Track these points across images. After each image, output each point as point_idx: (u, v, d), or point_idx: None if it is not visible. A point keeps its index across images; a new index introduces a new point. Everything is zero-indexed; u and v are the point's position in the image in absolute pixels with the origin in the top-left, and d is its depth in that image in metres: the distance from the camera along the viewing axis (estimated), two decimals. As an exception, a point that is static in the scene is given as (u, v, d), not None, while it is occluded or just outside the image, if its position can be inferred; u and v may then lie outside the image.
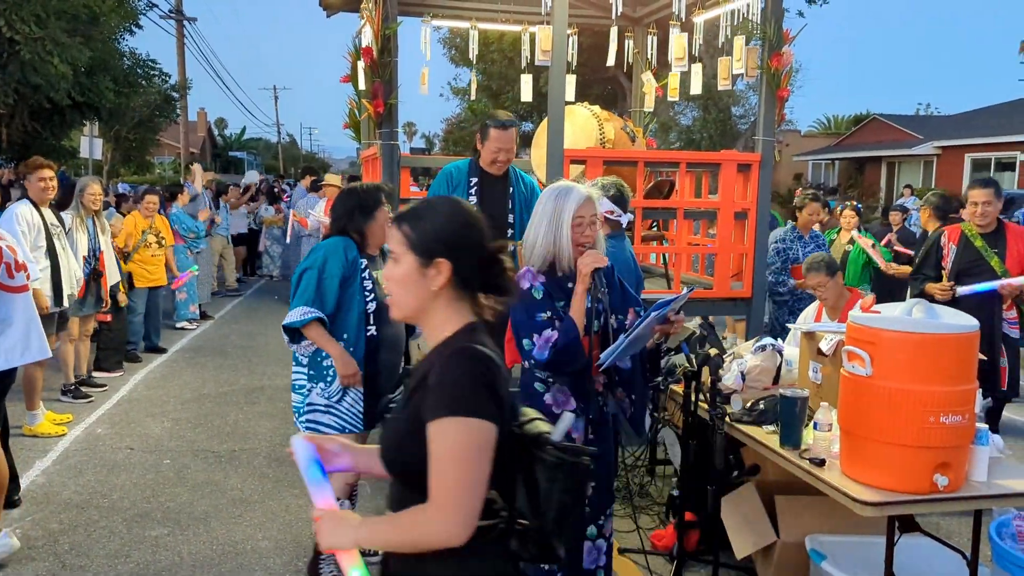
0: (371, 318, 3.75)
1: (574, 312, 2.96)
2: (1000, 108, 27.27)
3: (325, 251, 3.70)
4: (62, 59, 11.57)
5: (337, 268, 3.64)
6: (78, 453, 5.69)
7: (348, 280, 3.67)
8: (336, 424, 3.77)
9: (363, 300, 3.72)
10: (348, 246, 3.71)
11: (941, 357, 2.78)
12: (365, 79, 5.43)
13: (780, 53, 5.50)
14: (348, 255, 3.68)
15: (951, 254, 5.08)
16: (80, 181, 6.92)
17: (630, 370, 3.10)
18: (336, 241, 3.73)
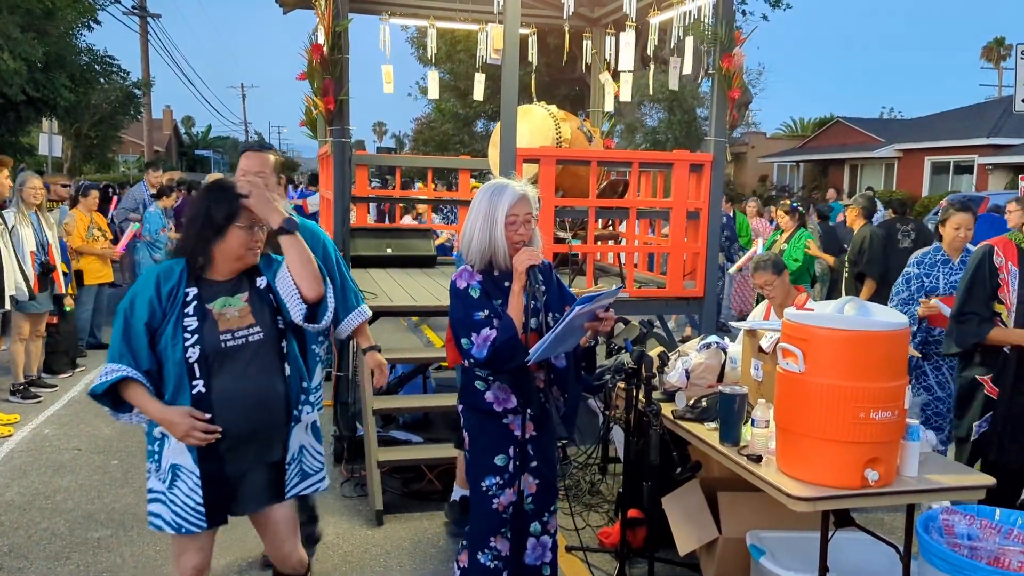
0: (196, 369, 2.65)
1: (512, 310, 2.97)
2: (959, 112, 27.75)
3: (137, 284, 2.74)
4: (14, 55, 11.34)
5: (143, 309, 2.65)
6: (24, 454, 5.60)
7: (162, 322, 2.67)
8: (172, 520, 2.73)
9: (181, 346, 2.64)
10: (169, 272, 2.71)
11: (871, 354, 2.82)
12: (316, 76, 5.39)
13: (731, 54, 5.54)
14: (163, 287, 2.68)
15: (1013, 278, 3.80)
16: (20, 177, 6.80)
17: (564, 368, 3.11)
18: (157, 269, 2.75)
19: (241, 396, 2.70)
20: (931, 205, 20.58)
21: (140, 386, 2.63)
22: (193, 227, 2.72)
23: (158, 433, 2.72)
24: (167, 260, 2.78)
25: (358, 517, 4.65)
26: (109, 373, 2.62)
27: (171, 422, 2.61)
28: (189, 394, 2.64)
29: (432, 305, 5.45)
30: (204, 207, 2.70)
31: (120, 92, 17.76)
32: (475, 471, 3.16)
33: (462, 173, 8.38)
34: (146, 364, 2.64)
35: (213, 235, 2.69)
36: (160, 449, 2.72)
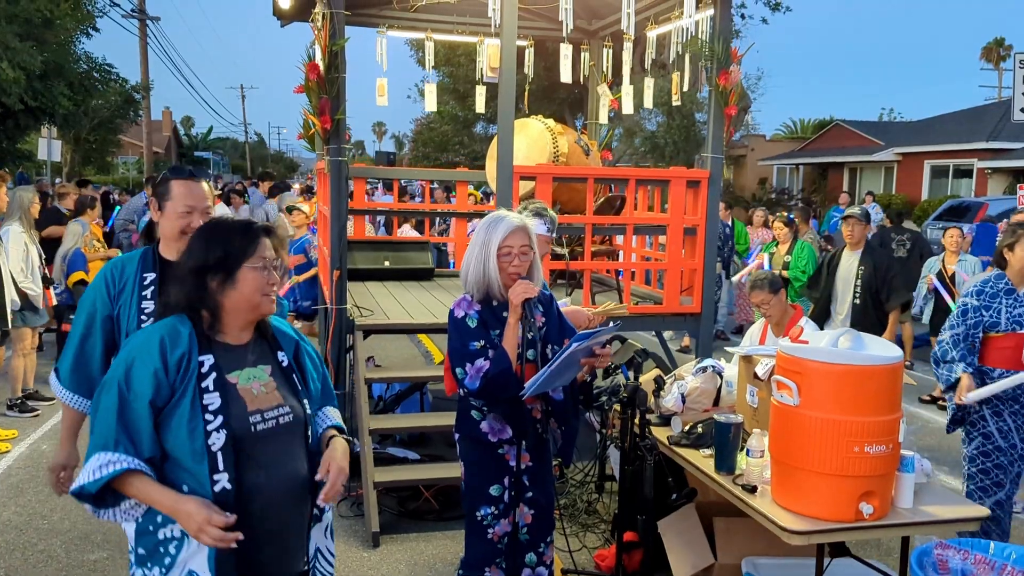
0: (220, 460, 2.09)
1: (506, 342, 2.97)
2: (959, 115, 27.73)
3: (132, 348, 2.15)
4: (13, 64, 11.35)
5: (147, 383, 2.08)
6: (21, 471, 5.59)
7: (169, 400, 2.10)
8: None
9: (201, 431, 2.09)
10: (176, 335, 2.14)
11: (865, 388, 2.83)
12: (312, 95, 5.39)
13: (728, 71, 5.54)
14: (171, 354, 2.11)
15: None
16: (22, 196, 6.80)
17: (562, 402, 3.11)
18: (158, 328, 2.18)
19: (272, 492, 2.17)
20: (930, 209, 20.58)
21: (143, 476, 2.06)
22: (193, 274, 2.17)
23: (175, 532, 2.11)
24: (166, 318, 2.19)
25: (354, 538, 4.65)
26: (103, 467, 2.01)
27: (187, 513, 2.02)
28: (210, 491, 2.06)
29: (429, 323, 5.45)
30: (205, 248, 2.21)
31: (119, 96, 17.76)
32: (470, 500, 3.17)
33: (460, 185, 8.38)
34: (148, 451, 2.07)
35: (221, 281, 2.17)
36: (177, 552, 2.11)
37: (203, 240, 2.26)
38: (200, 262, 2.19)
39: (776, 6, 22.12)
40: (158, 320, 2.25)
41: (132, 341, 2.19)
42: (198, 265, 2.19)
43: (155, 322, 2.25)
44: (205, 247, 2.22)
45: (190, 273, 2.19)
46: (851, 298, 6.17)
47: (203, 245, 2.23)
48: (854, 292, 6.14)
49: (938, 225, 16.02)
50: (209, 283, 2.18)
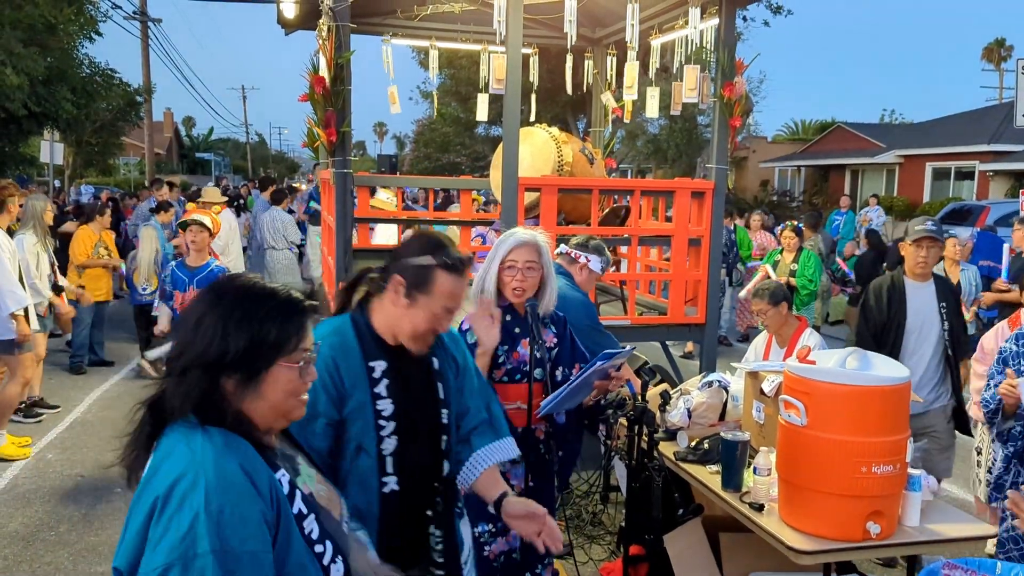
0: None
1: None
2: (960, 117, 27.75)
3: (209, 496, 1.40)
4: (17, 70, 11.37)
5: (260, 536, 1.44)
6: (27, 481, 5.61)
7: (278, 540, 1.49)
8: None
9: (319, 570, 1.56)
10: (249, 457, 1.51)
11: (872, 408, 2.84)
12: (318, 108, 5.41)
13: (732, 83, 5.55)
14: (260, 483, 1.49)
15: None
16: (35, 204, 6.81)
17: (564, 425, 3.13)
18: (213, 453, 1.47)
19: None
20: (932, 212, 20.59)
21: None
22: (201, 368, 1.50)
23: None
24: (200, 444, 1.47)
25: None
26: None
27: None
28: None
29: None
30: (223, 331, 1.51)
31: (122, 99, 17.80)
32: (469, 516, 3.17)
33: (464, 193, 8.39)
34: None
35: (241, 382, 1.53)
36: None
37: (221, 319, 1.51)
38: (216, 352, 1.49)
39: (778, 9, 22.13)
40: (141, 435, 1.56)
41: (198, 486, 1.39)
42: (212, 357, 1.49)
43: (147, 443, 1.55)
44: (223, 330, 1.50)
45: (197, 366, 1.49)
46: (937, 341, 4.57)
47: (221, 326, 1.50)
48: (942, 335, 4.55)
49: (940, 229, 16.06)
50: (223, 383, 1.51)
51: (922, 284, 4.59)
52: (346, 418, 2.08)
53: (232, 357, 1.50)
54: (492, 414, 2.41)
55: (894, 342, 4.53)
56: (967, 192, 24.00)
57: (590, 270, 4.23)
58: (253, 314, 1.53)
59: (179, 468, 1.42)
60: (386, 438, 2.10)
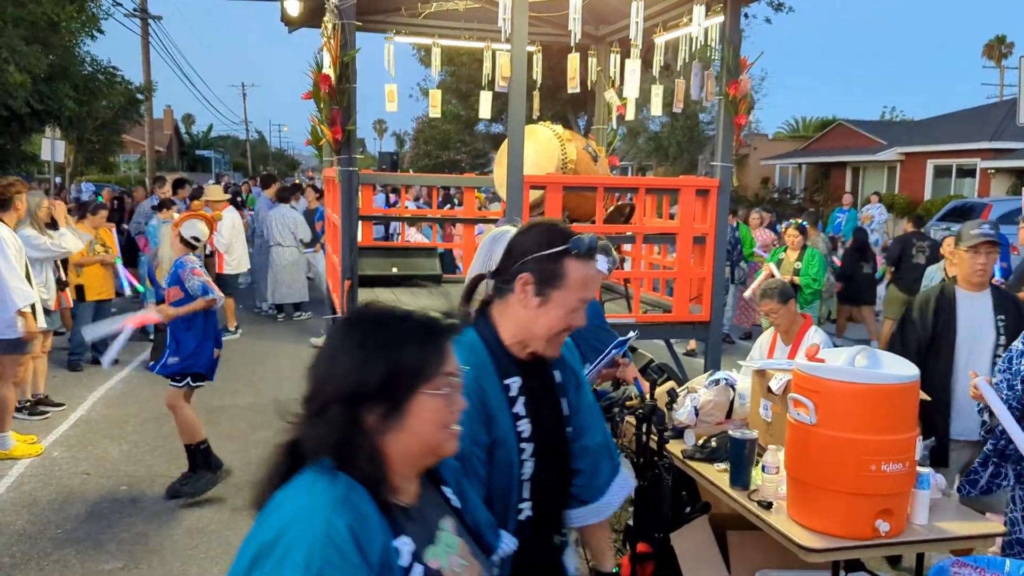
0: None
1: None
2: (962, 115, 27.72)
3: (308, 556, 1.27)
4: (19, 67, 11.37)
5: None
6: (33, 479, 5.62)
7: None
8: None
9: None
10: (361, 517, 1.34)
11: (882, 407, 2.84)
12: (323, 105, 5.40)
13: (737, 81, 5.55)
14: (368, 548, 1.33)
15: None
16: (32, 200, 6.81)
17: None
18: (326, 508, 1.32)
19: None
20: (933, 209, 20.58)
21: None
22: (341, 404, 1.37)
23: None
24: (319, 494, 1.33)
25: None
26: None
27: None
28: None
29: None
30: (360, 359, 1.39)
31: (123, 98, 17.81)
32: None
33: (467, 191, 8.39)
34: None
35: (383, 415, 1.38)
36: None
37: (356, 348, 1.40)
38: (353, 384, 1.37)
39: (779, 6, 22.12)
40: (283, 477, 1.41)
41: (302, 542, 1.27)
42: (349, 390, 1.37)
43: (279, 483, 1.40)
44: (359, 359, 1.38)
45: (336, 402, 1.37)
46: (991, 355, 4.18)
47: (356, 356, 1.39)
48: (995, 348, 4.17)
49: (942, 226, 16.02)
50: (364, 419, 1.37)
51: (977, 294, 4.23)
52: (494, 443, 1.92)
53: (371, 388, 1.37)
54: (607, 436, 2.23)
55: (944, 357, 4.17)
56: (968, 190, 23.97)
57: (597, 270, 4.23)
58: (389, 339, 1.40)
59: (290, 516, 1.32)
60: (525, 462, 1.96)
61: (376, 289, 7.05)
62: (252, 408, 7.30)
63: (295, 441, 1.41)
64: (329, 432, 1.36)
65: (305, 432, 1.40)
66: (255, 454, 6.18)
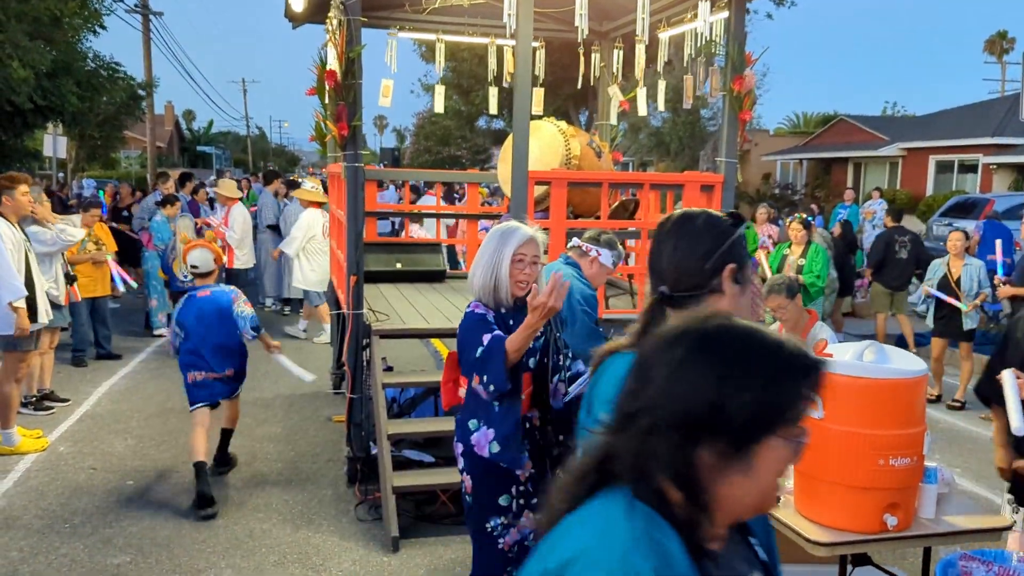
0: None
1: (516, 338, 2.96)
2: (964, 110, 27.70)
3: None
4: (23, 63, 11.36)
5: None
6: (40, 474, 5.64)
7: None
8: None
9: None
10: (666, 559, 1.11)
11: (890, 401, 2.86)
12: (329, 101, 5.41)
13: (742, 76, 5.55)
14: None
15: None
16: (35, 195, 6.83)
17: (563, 410, 3.17)
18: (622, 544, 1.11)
19: None
20: (935, 205, 20.58)
21: None
22: (675, 428, 1.16)
23: None
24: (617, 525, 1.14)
25: (374, 542, 4.69)
26: None
27: None
28: None
29: (444, 328, 5.47)
30: (716, 380, 1.17)
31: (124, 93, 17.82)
32: (478, 513, 3.19)
33: (470, 187, 8.40)
34: None
35: (724, 454, 1.17)
36: None
37: (714, 370, 1.17)
38: (703, 411, 1.15)
39: (781, 1, 22.09)
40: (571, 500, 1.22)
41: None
42: (696, 417, 1.15)
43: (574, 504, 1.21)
44: (718, 385, 1.16)
45: (671, 426, 1.15)
46: None
47: (714, 380, 1.16)
48: None
49: (944, 222, 16.03)
50: (700, 452, 1.15)
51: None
52: None
53: (723, 420, 1.14)
54: None
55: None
56: (970, 185, 23.97)
57: (601, 264, 4.25)
58: (760, 370, 1.18)
59: (581, 545, 1.14)
60: None
61: (380, 285, 7.07)
62: (256, 403, 7.32)
63: (605, 456, 1.20)
64: (653, 458, 1.15)
65: (624, 449, 1.18)
66: (260, 449, 6.20)
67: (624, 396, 1.23)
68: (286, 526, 4.89)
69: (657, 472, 1.15)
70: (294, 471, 5.78)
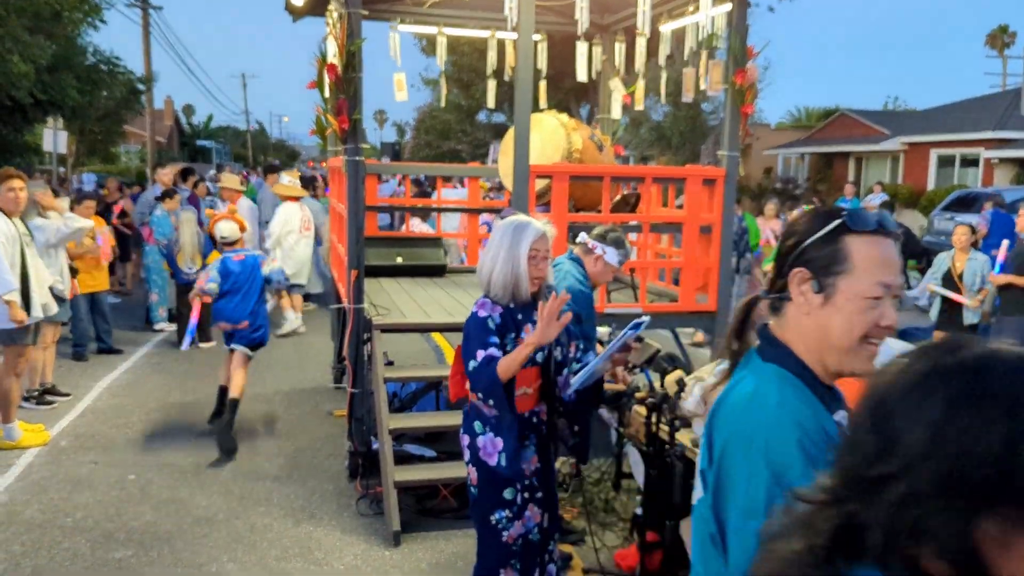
0: None
1: (514, 358, 2.97)
2: (965, 105, 27.65)
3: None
4: (23, 57, 11.36)
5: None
6: (42, 468, 5.63)
7: None
8: None
9: None
10: None
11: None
12: (330, 95, 5.39)
13: (744, 69, 5.54)
14: None
15: None
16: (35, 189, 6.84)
17: (574, 402, 3.17)
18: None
19: None
20: (936, 199, 20.55)
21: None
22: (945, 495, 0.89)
23: None
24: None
25: (375, 536, 4.69)
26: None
27: None
28: None
29: (445, 322, 5.46)
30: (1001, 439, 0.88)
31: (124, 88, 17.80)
32: (483, 506, 3.19)
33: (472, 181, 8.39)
34: None
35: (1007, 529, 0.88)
36: None
37: (999, 424, 0.89)
38: (984, 478, 0.89)
39: (783, -5, 22.01)
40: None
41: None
42: (976, 485, 0.89)
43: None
44: (1006, 442, 0.88)
45: (939, 495, 0.90)
46: None
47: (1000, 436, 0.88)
48: None
49: (946, 216, 16.00)
50: (979, 525, 0.89)
51: None
52: None
53: (1018, 483, 0.88)
54: None
55: None
56: (972, 179, 23.93)
57: (606, 262, 4.23)
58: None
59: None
60: None
61: (381, 279, 7.06)
62: (257, 398, 7.32)
63: (847, 525, 0.95)
64: (917, 533, 0.91)
65: (868, 521, 0.93)
66: (261, 443, 6.20)
67: (857, 455, 0.97)
68: (288, 520, 4.89)
69: (922, 549, 0.91)
70: (295, 466, 5.78)
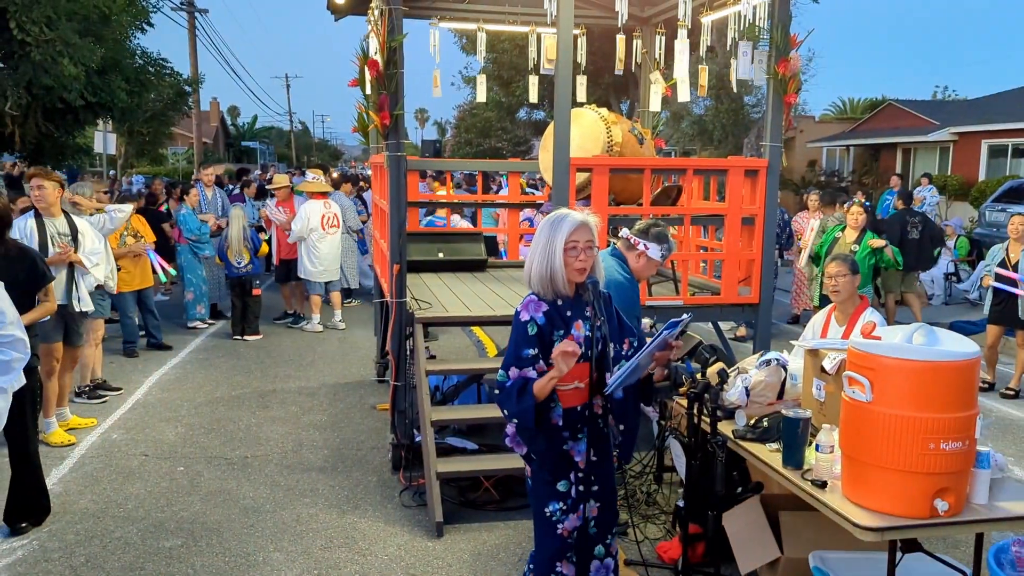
0: None
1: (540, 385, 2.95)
2: (1017, 93, 26.93)
3: None
4: (73, 60, 11.63)
5: None
6: (94, 460, 5.78)
7: None
8: None
9: None
10: None
11: (941, 384, 2.79)
12: (371, 90, 5.45)
13: (787, 59, 5.47)
14: None
15: None
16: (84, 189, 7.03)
17: (622, 400, 3.13)
18: None
19: None
20: (988, 190, 20.04)
21: None
22: None
23: None
24: None
25: (418, 527, 4.73)
26: None
27: None
28: None
29: (486, 315, 5.49)
30: None
31: (171, 90, 18.14)
32: (539, 497, 3.20)
33: (512, 176, 8.40)
34: None
35: None
36: None
37: None
38: None
39: (827, -16, 21.64)
40: None
41: None
42: None
43: None
44: None
45: None
46: None
47: None
48: None
49: (997, 207, 15.61)
50: None
51: None
52: None
53: None
54: None
55: None
56: (1024, 169, 23.29)
57: (648, 258, 4.21)
58: None
59: None
60: None
61: (422, 275, 7.11)
62: (302, 392, 7.42)
63: None
64: None
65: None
66: (306, 436, 6.29)
67: None
68: (332, 511, 4.96)
69: None
70: (340, 458, 5.85)
